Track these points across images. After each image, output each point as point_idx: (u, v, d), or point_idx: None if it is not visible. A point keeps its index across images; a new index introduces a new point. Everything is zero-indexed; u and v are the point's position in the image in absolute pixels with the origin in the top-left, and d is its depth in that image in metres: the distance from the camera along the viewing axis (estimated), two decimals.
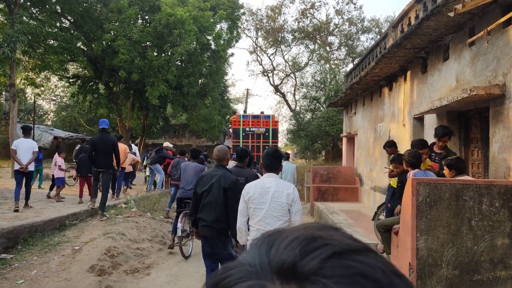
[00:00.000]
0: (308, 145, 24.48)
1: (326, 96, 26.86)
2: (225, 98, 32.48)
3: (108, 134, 7.95)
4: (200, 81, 21.88)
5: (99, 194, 8.18)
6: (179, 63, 20.42)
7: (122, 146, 10.77)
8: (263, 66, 33.90)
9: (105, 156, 7.66)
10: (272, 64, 33.79)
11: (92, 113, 25.11)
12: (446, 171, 4.29)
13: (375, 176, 10.13)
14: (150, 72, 17.77)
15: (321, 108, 27.96)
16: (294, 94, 33.06)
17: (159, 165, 12.05)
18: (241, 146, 16.98)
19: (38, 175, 11.99)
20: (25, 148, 7.67)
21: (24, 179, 7.77)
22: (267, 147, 16.80)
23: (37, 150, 7.96)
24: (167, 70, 17.84)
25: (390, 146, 6.63)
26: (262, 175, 3.64)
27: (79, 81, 21.61)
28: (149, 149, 16.26)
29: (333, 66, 30.99)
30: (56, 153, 10.21)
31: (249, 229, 3.44)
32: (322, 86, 27.47)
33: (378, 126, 10.06)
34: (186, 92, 19.44)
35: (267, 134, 17.49)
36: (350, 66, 27.16)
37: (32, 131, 8.66)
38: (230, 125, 20.50)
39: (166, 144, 12.76)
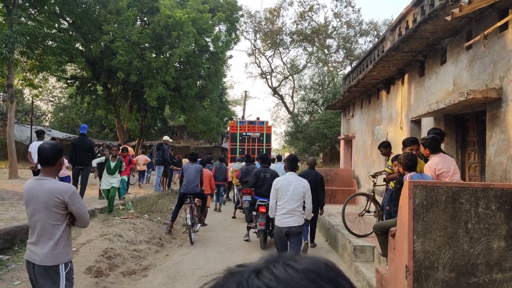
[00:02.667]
0: (306, 147, 24.53)
1: (324, 98, 26.92)
2: (224, 100, 32.50)
3: (86, 138, 9.31)
4: (198, 83, 21.88)
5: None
6: (178, 65, 20.42)
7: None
8: (261, 69, 34.00)
9: (83, 155, 8.92)
10: (270, 66, 33.91)
11: (90, 114, 25.09)
12: (422, 149, 4.66)
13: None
14: (149, 74, 17.76)
15: (319, 111, 28.02)
16: (292, 97, 33.15)
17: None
18: (238, 148, 19.35)
19: None
20: (36, 150, 8.08)
21: None
22: (261, 149, 18.73)
23: None
24: (165, 72, 17.84)
25: (386, 147, 6.67)
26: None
27: (77, 82, 21.58)
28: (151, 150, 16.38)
29: (331, 69, 31.07)
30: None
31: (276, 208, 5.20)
32: (320, 88, 27.54)
33: (375, 129, 10.08)
34: (184, 93, 19.44)
35: (261, 138, 19.43)
36: (348, 68, 27.23)
37: (45, 134, 10.06)
38: (228, 129, 22.19)
39: (166, 138, 13.01)
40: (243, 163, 11.59)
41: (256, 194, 7.72)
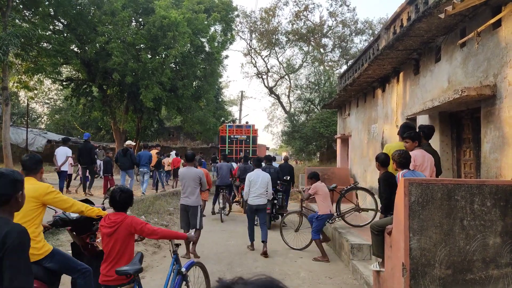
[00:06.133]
0: (303, 147, 24.54)
1: (320, 97, 26.95)
2: (220, 100, 32.47)
3: (89, 143, 11.85)
4: (194, 83, 21.85)
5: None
6: (173, 66, 20.38)
7: (154, 152, 14.47)
8: (257, 68, 33.97)
9: (86, 157, 11.41)
10: (266, 66, 33.90)
11: (85, 116, 24.96)
12: (409, 143, 4.91)
13: (369, 177, 10.16)
14: (144, 75, 17.72)
15: (316, 110, 28.03)
16: (288, 96, 33.15)
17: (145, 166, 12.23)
18: (226, 150, 21.00)
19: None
20: (60, 154, 10.90)
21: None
22: (247, 150, 20.73)
23: (69, 155, 11.03)
24: (161, 73, 17.80)
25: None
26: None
27: (72, 84, 21.48)
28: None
29: (327, 68, 31.10)
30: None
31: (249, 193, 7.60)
32: (316, 87, 27.57)
33: (371, 127, 10.10)
34: (180, 94, 19.41)
35: (248, 140, 21.89)
36: (344, 67, 27.27)
37: (69, 141, 12.17)
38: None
39: (129, 142, 12.47)
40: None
41: None
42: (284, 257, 7.27)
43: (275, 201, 9.73)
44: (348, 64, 20.67)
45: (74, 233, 3.89)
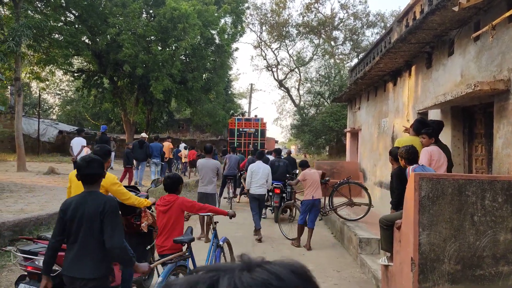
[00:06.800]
0: (312, 140, 24.49)
1: (330, 91, 26.80)
2: (229, 93, 32.46)
3: (105, 135, 12.41)
4: (204, 75, 21.87)
5: None
6: (184, 58, 20.41)
7: (166, 144, 15.41)
8: (267, 61, 33.86)
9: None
10: (276, 58, 33.74)
11: (96, 107, 25.15)
12: (425, 139, 4.97)
13: (379, 172, 10.11)
14: (155, 67, 17.78)
15: (325, 103, 27.90)
16: (298, 89, 33.03)
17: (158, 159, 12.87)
18: (235, 143, 21.48)
19: None
20: (76, 144, 11.10)
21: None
22: (256, 143, 20.91)
23: (84, 144, 11.03)
24: (171, 65, 17.84)
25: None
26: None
27: (83, 75, 21.66)
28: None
29: (338, 61, 30.88)
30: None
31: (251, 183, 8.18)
32: (327, 81, 27.41)
33: (382, 122, 10.03)
34: (190, 86, 19.46)
35: (256, 133, 22.21)
36: (355, 61, 27.03)
37: (83, 132, 12.11)
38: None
39: (143, 134, 13.46)
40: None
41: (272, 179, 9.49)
42: (292, 250, 7.30)
43: (284, 195, 9.75)
44: (359, 57, 20.49)
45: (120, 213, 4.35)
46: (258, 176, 8.12)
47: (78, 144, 11.11)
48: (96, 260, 2.87)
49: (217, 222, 4.93)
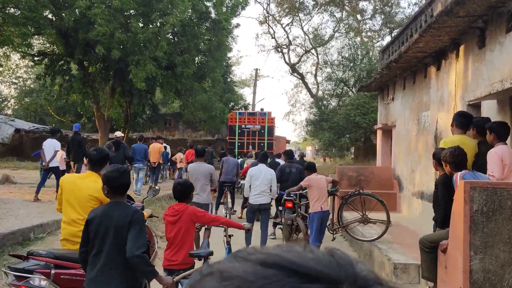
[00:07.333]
0: (333, 140, 24.46)
1: (356, 77, 26.79)
2: (229, 80, 32.55)
3: (79, 135, 12.09)
4: (197, 59, 21.93)
5: None
6: (171, 37, 20.48)
7: (156, 146, 15.89)
8: (276, 40, 33.91)
9: (77, 152, 11.53)
10: (287, 37, 33.78)
11: (62, 99, 25.28)
12: (493, 136, 4.79)
13: (419, 179, 10.09)
14: (135, 48, 17.84)
15: (350, 93, 27.89)
16: (315, 75, 33.07)
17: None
18: (236, 143, 21.89)
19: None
20: (49, 147, 11.08)
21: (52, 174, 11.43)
22: (262, 144, 21.19)
23: (58, 148, 11.18)
24: (155, 46, 17.90)
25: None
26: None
27: (46, 59, 21.78)
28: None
29: (366, 40, 30.86)
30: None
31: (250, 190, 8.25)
32: (351, 64, 27.38)
33: (422, 116, 10.02)
34: (179, 73, 19.50)
35: (262, 131, 22.42)
36: (387, 39, 26.98)
37: (59, 133, 12.43)
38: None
39: (119, 133, 13.86)
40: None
41: (281, 189, 9.40)
42: None
43: (300, 209, 9.75)
44: (393, 35, 20.43)
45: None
46: (259, 181, 8.19)
47: (51, 147, 11.12)
48: (123, 273, 3.36)
49: (232, 235, 5.42)
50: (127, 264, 3.33)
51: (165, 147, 18.11)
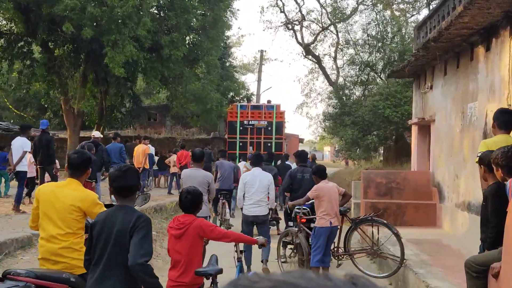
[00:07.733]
0: (358, 138, 24.41)
1: (385, 60, 26.76)
2: (227, 65, 32.58)
3: (47, 134, 11.89)
4: (188, 38, 21.96)
5: None
6: (156, 12, 20.52)
7: (141, 147, 16.25)
8: (286, 15, 33.89)
9: (44, 154, 11.36)
10: (300, 11, 33.74)
11: (22, 89, 25.34)
12: None
13: (464, 186, 10.06)
14: (111, 26, 17.87)
15: (378, 80, 27.85)
16: (335, 58, 33.03)
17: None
18: (237, 143, 22.15)
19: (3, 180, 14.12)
20: (17, 147, 11.17)
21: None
22: (269, 144, 21.46)
23: (27, 149, 11.23)
24: (137, 23, 17.93)
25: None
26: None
27: (1, 40, 21.86)
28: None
29: (397, 14, 30.80)
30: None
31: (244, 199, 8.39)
32: (380, 45, 27.36)
33: (468, 108, 10.00)
34: (166, 56, 19.53)
35: (269, 128, 22.29)
36: (424, 13, 26.93)
37: (30, 130, 12.46)
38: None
39: (97, 133, 14.29)
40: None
41: (291, 199, 9.35)
42: None
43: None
44: (431, 8, 20.38)
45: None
46: (254, 188, 8.31)
47: (20, 147, 11.20)
48: (122, 279, 3.61)
49: (244, 251, 5.69)
50: (127, 275, 3.56)
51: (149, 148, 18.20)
